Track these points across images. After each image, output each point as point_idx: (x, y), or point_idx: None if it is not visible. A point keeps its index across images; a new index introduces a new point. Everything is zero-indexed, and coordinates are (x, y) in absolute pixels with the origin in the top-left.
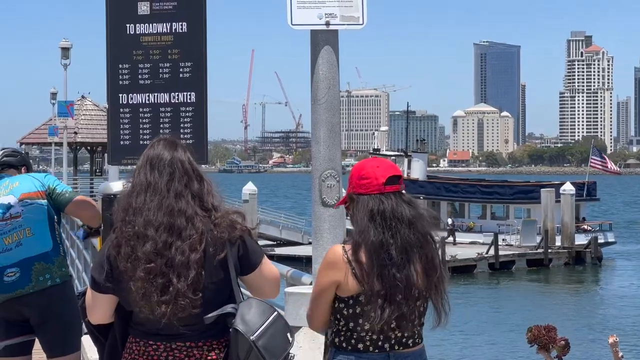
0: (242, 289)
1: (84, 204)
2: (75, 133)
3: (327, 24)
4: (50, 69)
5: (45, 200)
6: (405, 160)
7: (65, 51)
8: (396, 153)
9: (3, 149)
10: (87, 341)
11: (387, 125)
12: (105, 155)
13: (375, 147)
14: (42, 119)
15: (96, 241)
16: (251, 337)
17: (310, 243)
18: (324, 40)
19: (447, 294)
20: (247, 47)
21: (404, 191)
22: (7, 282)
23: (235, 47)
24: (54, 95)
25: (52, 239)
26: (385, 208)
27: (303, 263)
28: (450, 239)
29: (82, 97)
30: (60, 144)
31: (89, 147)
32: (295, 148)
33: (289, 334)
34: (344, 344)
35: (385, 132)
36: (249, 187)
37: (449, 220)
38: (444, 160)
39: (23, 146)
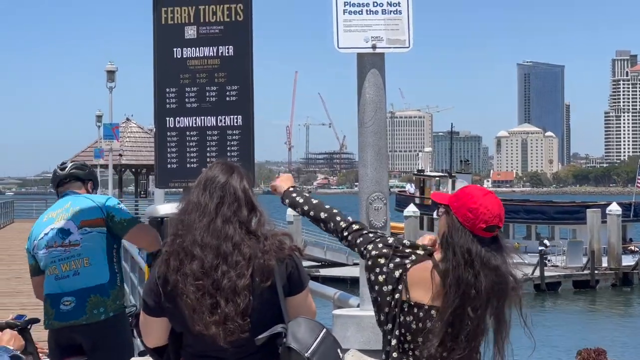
0: None
1: (140, 233)
2: (120, 155)
3: (374, 47)
4: (96, 91)
5: (105, 228)
6: (450, 181)
7: (111, 74)
8: (440, 174)
9: (72, 161)
10: None
11: (430, 146)
12: (150, 177)
13: (420, 168)
14: (88, 142)
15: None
16: (306, 354)
17: (355, 264)
18: (370, 63)
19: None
20: (290, 69)
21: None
22: (63, 310)
23: (278, 69)
24: (99, 117)
25: (109, 271)
26: (476, 250)
27: (347, 284)
28: None
29: (127, 119)
30: (105, 166)
31: (133, 169)
32: (339, 169)
33: (339, 350)
34: None
35: (429, 153)
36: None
37: None
38: (488, 181)
39: None
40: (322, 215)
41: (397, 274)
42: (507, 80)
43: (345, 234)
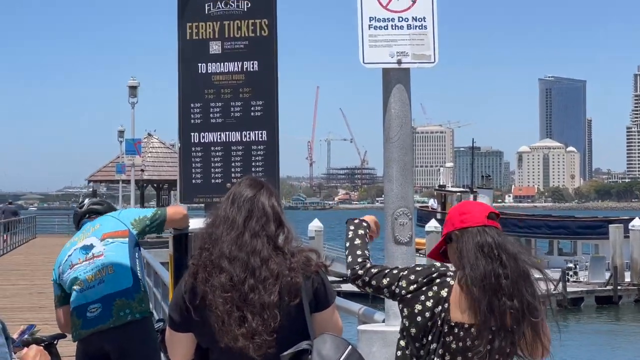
0: None
1: (174, 219)
2: (142, 170)
3: (399, 62)
4: (118, 107)
5: (127, 238)
6: (471, 196)
7: (133, 90)
8: (461, 189)
9: (89, 197)
10: None
11: (452, 161)
12: (172, 192)
13: (441, 184)
14: (110, 157)
15: (167, 277)
16: None
17: None
18: (395, 78)
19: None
20: (311, 84)
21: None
22: (90, 317)
23: (300, 84)
24: (121, 133)
25: (132, 276)
26: (491, 240)
27: (369, 299)
28: None
29: (149, 134)
30: (127, 182)
31: (155, 185)
32: (360, 184)
33: None
34: None
35: (450, 168)
36: (315, 224)
37: None
38: (510, 196)
39: (91, 184)
40: (346, 244)
41: (443, 293)
42: (529, 96)
43: (362, 272)
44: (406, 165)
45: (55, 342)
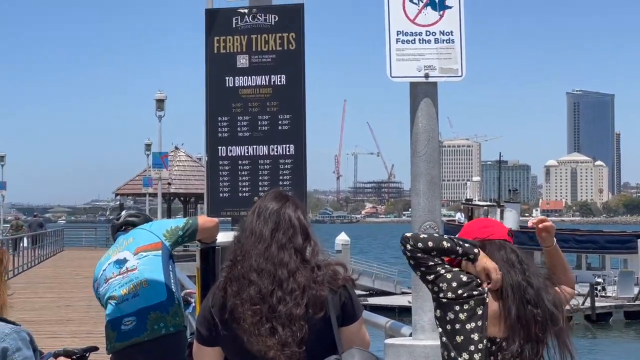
0: None
1: (205, 227)
2: (169, 184)
3: (427, 76)
4: (144, 120)
5: (160, 251)
6: (498, 210)
7: (160, 103)
8: (489, 203)
9: (127, 210)
10: None
11: (479, 175)
12: (199, 205)
13: (468, 197)
14: (137, 170)
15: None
16: None
17: (403, 293)
18: (423, 92)
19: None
20: (339, 98)
21: None
22: (124, 330)
23: (326, 97)
24: (148, 146)
25: (166, 289)
26: (515, 253)
27: (396, 313)
28: None
29: (176, 147)
30: (154, 195)
31: (182, 198)
32: (387, 198)
33: None
34: None
35: (477, 182)
36: (342, 237)
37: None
38: (537, 210)
39: (118, 197)
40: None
41: (479, 311)
42: (557, 109)
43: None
44: (433, 179)
45: (87, 355)
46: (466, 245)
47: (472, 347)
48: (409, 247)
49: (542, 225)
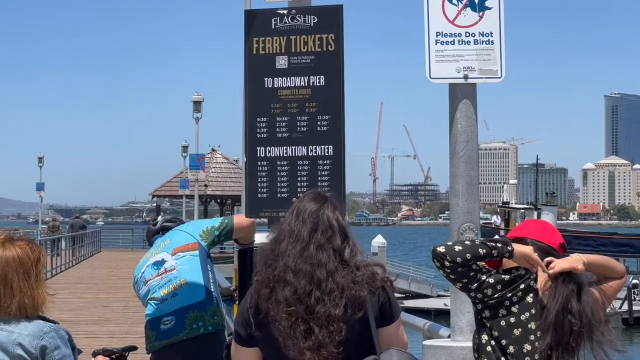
0: None
1: (241, 226)
2: (206, 186)
3: (466, 77)
4: (181, 122)
5: (197, 251)
6: (535, 213)
7: (197, 105)
8: (525, 206)
9: (163, 214)
10: None
11: (515, 178)
12: (235, 207)
13: (505, 200)
14: (174, 172)
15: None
16: None
17: (439, 296)
18: (462, 93)
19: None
20: (375, 100)
21: None
22: (163, 329)
23: (363, 100)
24: (185, 148)
25: (205, 289)
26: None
27: (432, 316)
28: None
29: (213, 149)
30: (190, 197)
31: (218, 200)
32: (423, 201)
33: None
34: None
35: (514, 185)
36: (379, 240)
37: None
38: (574, 214)
39: (155, 199)
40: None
41: (529, 299)
42: (594, 112)
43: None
44: (472, 180)
45: (126, 354)
46: (498, 245)
47: (532, 337)
48: (447, 263)
49: (552, 272)
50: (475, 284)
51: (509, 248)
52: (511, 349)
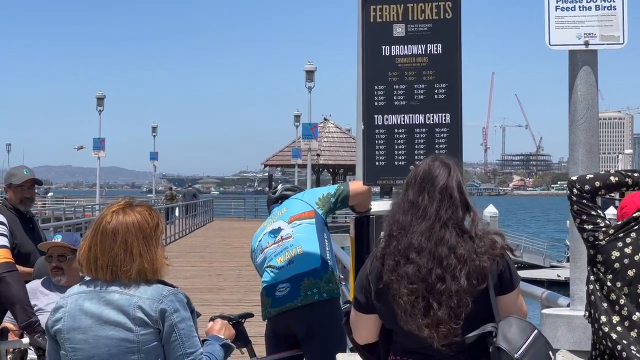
0: None
1: (357, 192)
2: (318, 155)
3: (587, 44)
4: (294, 91)
5: (314, 219)
6: None
7: (310, 74)
8: None
9: (282, 183)
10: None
11: (631, 148)
12: (347, 177)
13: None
14: (286, 141)
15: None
16: (515, 355)
17: (552, 267)
18: (582, 60)
19: None
20: (487, 70)
21: None
22: (279, 296)
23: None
24: (297, 117)
25: (321, 256)
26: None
27: (544, 286)
28: None
29: (325, 119)
30: (303, 166)
31: (331, 169)
32: (535, 171)
33: (550, 352)
34: None
35: (629, 155)
36: (490, 210)
37: None
38: None
39: (267, 168)
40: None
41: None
42: None
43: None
44: (592, 148)
45: (242, 321)
46: (635, 174)
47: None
48: (575, 191)
49: None
50: (592, 225)
51: None
52: (626, 290)
